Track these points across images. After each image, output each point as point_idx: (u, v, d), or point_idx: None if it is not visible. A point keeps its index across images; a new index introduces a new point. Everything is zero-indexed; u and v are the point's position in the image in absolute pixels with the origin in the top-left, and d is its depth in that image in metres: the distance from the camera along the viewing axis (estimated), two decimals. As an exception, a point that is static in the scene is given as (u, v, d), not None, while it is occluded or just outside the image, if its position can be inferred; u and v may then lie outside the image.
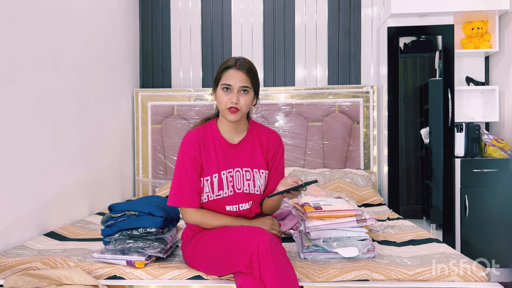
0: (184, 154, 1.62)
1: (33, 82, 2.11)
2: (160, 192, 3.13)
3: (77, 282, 1.49)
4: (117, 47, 3.19)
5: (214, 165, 1.62)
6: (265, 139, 1.70)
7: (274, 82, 3.54)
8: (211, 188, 1.62)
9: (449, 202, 3.01)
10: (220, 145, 1.65)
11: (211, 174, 1.61)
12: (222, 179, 1.62)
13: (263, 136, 1.71)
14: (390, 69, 3.15)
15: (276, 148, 1.71)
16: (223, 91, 1.58)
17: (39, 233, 2.11)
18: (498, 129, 3.20)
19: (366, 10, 3.48)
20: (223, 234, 1.52)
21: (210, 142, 1.64)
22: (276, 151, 1.71)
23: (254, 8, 3.56)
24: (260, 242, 1.36)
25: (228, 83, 1.56)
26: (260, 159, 1.68)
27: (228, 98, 1.56)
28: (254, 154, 1.67)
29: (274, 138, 1.71)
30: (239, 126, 1.67)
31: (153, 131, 3.48)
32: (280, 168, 1.72)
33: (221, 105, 1.59)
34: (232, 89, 1.57)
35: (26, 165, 2.04)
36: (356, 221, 1.70)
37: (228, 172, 1.63)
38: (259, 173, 1.66)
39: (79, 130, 2.56)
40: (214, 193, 1.62)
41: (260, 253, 1.34)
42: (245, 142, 1.68)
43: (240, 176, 1.64)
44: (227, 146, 1.65)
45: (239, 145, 1.67)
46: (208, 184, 1.62)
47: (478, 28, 3.18)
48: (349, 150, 3.36)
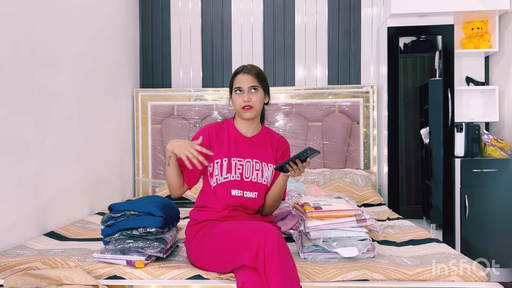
0: (195, 137, 1.75)
1: (33, 82, 2.11)
2: (160, 192, 3.13)
3: (77, 282, 1.49)
4: (117, 47, 3.19)
5: (225, 150, 1.74)
6: (276, 140, 1.85)
7: (274, 82, 3.54)
8: (220, 170, 1.72)
9: (449, 202, 3.01)
10: (234, 137, 1.79)
11: (222, 157, 1.73)
12: (231, 164, 1.73)
13: (274, 137, 1.86)
14: (390, 69, 3.15)
15: (285, 149, 1.85)
16: (236, 94, 1.75)
17: (39, 233, 2.11)
18: (498, 129, 3.20)
19: (366, 10, 3.48)
20: (231, 227, 1.55)
21: (225, 133, 1.79)
22: (285, 152, 1.85)
23: (254, 8, 3.56)
24: (268, 237, 1.39)
25: (238, 86, 1.74)
26: (270, 154, 1.80)
27: (241, 99, 1.73)
28: (265, 149, 1.80)
29: (284, 141, 1.87)
30: (253, 124, 1.81)
31: (153, 131, 3.48)
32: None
33: (237, 107, 1.75)
34: (243, 90, 1.73)
35: (26, 165, 2.04)
36: (356, 221, 1.70)
37: (238, 160, 1.74)
38: (267, 166, 1.77)
39: (79, 130, 2.57)
40: (222, 176, 1.71)
41: (267, 247, 1.37)
42: (258, 137, 1.81)
43: (250, 166, 1.74)
44: (241, 138, 1.79)
45: (252, 139, 1.80)
46: (218, 166, 1.72)
47: (478, 28, 3.18)
48: (349, 150, 3.36)
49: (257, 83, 1.74)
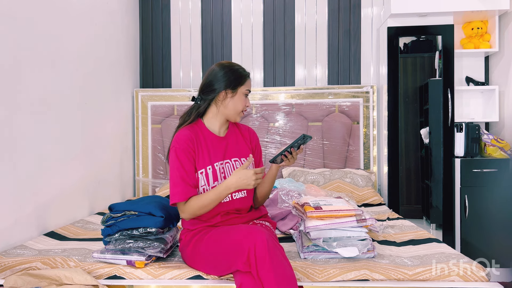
0: (177, 150, 1.63)
1: (33, 82, 2.11)
2: (160, 192, 3.13)
3: (77, 282, 1.49)
4: (117, 47, 3.19)
5: (206, 157, 1.68)
6: (246, 131, 1.85)
7: (274, 82, 3.54)
8: (207, 180, 1.66)
9: (449, 202, 3.01)
10: (210, 139, 1.72)
11: (205, 166, 1.66)
12: (216, 170, 1.67)
13: (243, 129, 1.85)
14: (390, 69, 3.15)
15: (256, 138, 1.87)
16: (244, 97, 1.73)
17: (39, 233, 2.12)
18: (498, 129, 3.20)
19: (366, 10, 3.48)
20: (221, 234, 1.53)
21: (200, 138, 1.71)
22: (257, 142, 1.87)
23: (254, 8, 3.56)
24: (257, 240, 1.38)
25: (249, 90, 1.75)
26: (245, 148, 1.79)
27: (245, 103, 1.73)
28: (239, 144, 1.78)
29: (252, 131, 1.88)
30: (226, 123, 1.79)
31: (153, 131, 3.48)
32: (260, 156, 1.86)
33: (238, 107, 1.71)
34: (248, 95, 1.75)
35: (27, 165, 2.04)
36: (356, 221, 1.70)
37: (220, 163, 1.69)
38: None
39: (79, 130, 2.57)
40: (209, 185, 1.65)
41: (257, 251, 1.36)
42: (230, 133, 1.79)
43: (230, 167, 1.71)
44: (216, 139, 1.73)
45: (226, 137, 1.76)
46: (203, 176, 1.65)
47: (478, 28, 3.18)
48: (349, 150, 3.36)
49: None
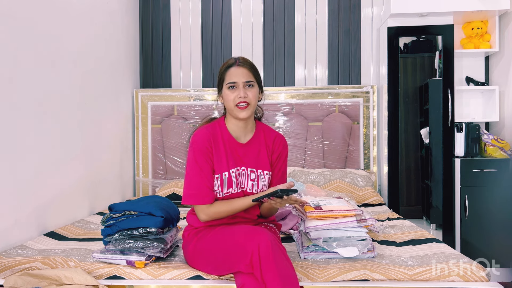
0: (195, 151, 1.60)
1: (33, 82, 2.11)
2: (160, 192, 3.13)
3: (77, 282, 1.49)
4: (117, 47, 3.19)
5: (224, 163, 1.62)
6: (271, 140, 1.71)
7: (274, 82, 3.54)
8: (221, 186, 1.62)
9: (449, 202, 3.01)
10: (229, 144, 1.65)
11: (222, 172, 1.62)
12: (231, 177, 1.62)
13: (269, 137, 1.71)
14: (390, 69, 3.15)
15: (281, 150, 1.71)
16: (229, 90, 1.59)
17: (39, 233, 2.11)
18: (498, 129, 3.20)
19: (366, 10, 3.48)
20: (224, 233, 1.53)
21: (219, 140, 1.64)
22: (281, 154, 1.71)
23: (254, 8, 3.56)
24: (261, 242, 1.36)
25: (233, 81, 1.58)
26: (265, 160, 1.68)
27: (236, 95, 1.57)
28: (260, 155, 1.68)
29: (279, 141, 1.72)
30: (247, 125, 1.66)
31: (153, 131, 3.48)
32: (282, 171, 1.73)
33: (229, 104, 1.59)
34: (237, 85, 1.58)
35: (26, 165, 2.04)
36: (356, 221, 1.70)
37: (236, 169, 1.64)
38: (263, 174, 1.67)
39: (79, 130, 2.56)
40: (223, 191, 1.63)
41: (261, 253, 1.34)
42: (253, 142, 1.68)
43: (245, 176, 1.65)
44: (236, 145, 1.66)
45: (247, 145, 1.67)
46: (218, 181, 1.62)
47: (478, 28, 3.18)
48: (349, 150, 3.36)
49: (253, 78, 1.60)
